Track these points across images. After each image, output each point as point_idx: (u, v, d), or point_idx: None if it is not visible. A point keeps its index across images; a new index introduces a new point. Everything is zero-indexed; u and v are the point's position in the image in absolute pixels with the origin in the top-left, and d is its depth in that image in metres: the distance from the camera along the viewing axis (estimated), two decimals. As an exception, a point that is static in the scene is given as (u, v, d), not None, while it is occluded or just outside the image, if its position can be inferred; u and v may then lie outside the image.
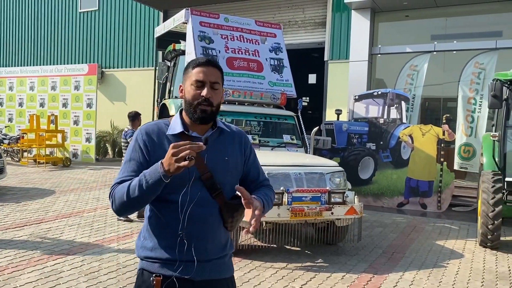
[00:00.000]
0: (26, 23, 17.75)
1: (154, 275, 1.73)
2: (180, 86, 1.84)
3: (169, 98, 8.79)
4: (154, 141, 1.76)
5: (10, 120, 15.48)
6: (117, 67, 15.93)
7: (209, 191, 1.75)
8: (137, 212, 5.57)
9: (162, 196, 1.69)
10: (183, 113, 1.83)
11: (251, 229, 1.66)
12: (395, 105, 9.40)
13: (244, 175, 1.92)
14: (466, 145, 9.09)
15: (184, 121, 1.81)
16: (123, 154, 6.37)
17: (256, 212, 1.68)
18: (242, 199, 1.71)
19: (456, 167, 9.09)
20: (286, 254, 5.35)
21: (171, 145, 1.56)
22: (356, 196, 5.32)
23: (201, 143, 1.58)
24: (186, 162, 1.53)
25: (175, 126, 1.80)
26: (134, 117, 7.16)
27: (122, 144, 7.25)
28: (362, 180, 8.95)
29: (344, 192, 5.21)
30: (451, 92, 10.33)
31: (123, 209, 1.71)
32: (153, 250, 1.76)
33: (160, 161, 1.59)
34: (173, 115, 6.66)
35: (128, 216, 5.49)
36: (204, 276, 1.76)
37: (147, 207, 1.82)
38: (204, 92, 1.73)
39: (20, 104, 15.32)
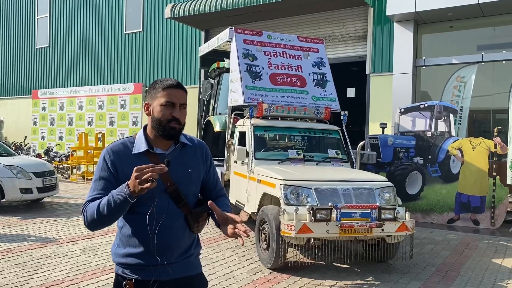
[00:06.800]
0: (75, 46, 18.60)
1: (127, 279, 1.92)
2: (146, 104, 1.97)
3: (213, 115, 8.93)
4: (122, 160, 1.91)
5: (60, 138, 16.19)
6: (161, 86, 16.35)
7: (175, 202, 1.92)
8: None
9: (131, 208, 1.83)
10: (147, 129, 1.97)
11: (243, 239, 1.82)
12: (443, 118, 9.12)
13: (203, 183, 2.10)
14: (520, 159, 8.66)
15: (148, 138, 1.96)
16: None
17: (238, 219, 1.86)
18: (216, 214, 1.89)
19: (509, 181, 8.66)
20: (335, 271, 5.25)
21: (135, 168, 1.70)
22: (407, 212, 5.18)
23: (163, 165, 1.72)
24: (148, 184, 1.66)
25: (140, 144, 1.95)
26: None
27: None
28: (409, 195, 8.68)
29: (395, 208, 5.07)
30: (502, 103, 9.93)
31: (94, 225, 1.87)
32: (125, 257, 1.95)
33: (126, 182, 1.75)
34: (220, 131, 6.72)
35: None
36: (172, 276, 1.94)
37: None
38: (176, 113, 1.91)
39: (70, 123, 16.01)
